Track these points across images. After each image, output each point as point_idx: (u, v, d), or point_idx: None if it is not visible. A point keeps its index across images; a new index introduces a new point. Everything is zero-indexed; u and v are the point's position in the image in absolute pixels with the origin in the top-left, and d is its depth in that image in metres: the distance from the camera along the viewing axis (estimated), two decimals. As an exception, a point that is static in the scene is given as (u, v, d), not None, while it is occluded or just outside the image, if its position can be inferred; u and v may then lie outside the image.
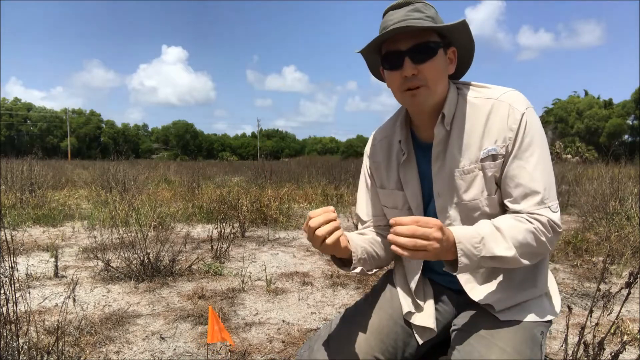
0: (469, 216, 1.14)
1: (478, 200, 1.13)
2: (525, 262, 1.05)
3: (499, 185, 1.12)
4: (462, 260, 0.99)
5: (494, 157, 1.11)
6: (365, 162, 1.37)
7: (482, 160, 1.11)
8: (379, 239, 1.29)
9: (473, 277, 1.16)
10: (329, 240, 1.01)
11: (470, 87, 1.19)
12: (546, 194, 1.07)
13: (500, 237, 1.02)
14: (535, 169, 1.08)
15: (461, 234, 1.00)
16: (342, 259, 1.16)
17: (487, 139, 1.11)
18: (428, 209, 1.23)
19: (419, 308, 1.24)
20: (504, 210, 1.14)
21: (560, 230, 1.08)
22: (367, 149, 1.37)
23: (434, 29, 1.09)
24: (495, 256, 1.01)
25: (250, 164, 21.82)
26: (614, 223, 5.45)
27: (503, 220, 1.06)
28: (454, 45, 1.17)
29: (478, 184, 1.12)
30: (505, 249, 1.01)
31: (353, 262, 1.15)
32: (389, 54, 1.12)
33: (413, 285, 1.26)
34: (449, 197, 1.16)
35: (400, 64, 1.10)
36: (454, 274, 1.02)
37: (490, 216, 1.12)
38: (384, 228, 1.32)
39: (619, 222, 5.47)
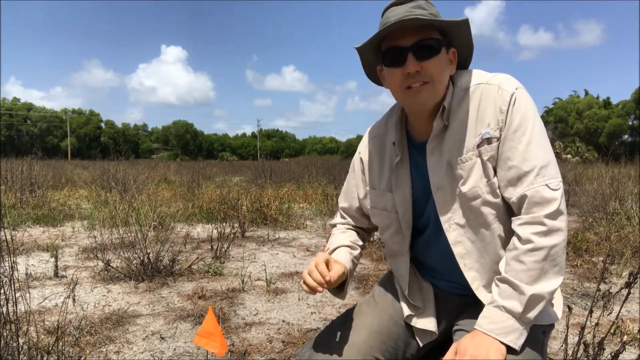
0: (470, 206, 1.11)
1: (477, 187, 1.09)
2: (555, 273, 1.00)
3: (496, 170, 1.09)
4: (512, 337, 0.98)
5: (489, 141, 1.08)
6: (358, 159, 1.33)
7: (479, 146, 1.09)
8: (358, 240, 1.36)
9: (479, 274, 1.14)
10: (329, 277, 1.12)
11: (460, 75, 1.15)
12: (542, 170, 1.02)
13: (511, 290, 1.00)
14: (527, 148, 1.04)
15: (487, 323, 1.00)
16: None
17: (481, 124, 1.09)
18: (426, 206, 1.19)
19: (419, 311, 1.23)
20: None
21: (560, 208, 1.01)
22: (362, 147, 1.33)
23: (440, 23, 1.07)
24: (526, 307, 0.99)
25: (250, 164, 21.84)
26: (614, 223, 5.45)
27: (501, 266, 1.04)
28: (454, 45, 1.15)
29: (477, 172, 1.09)
30: (526, 292, 0.98)
31: (347, 281, 1.23)
32: (390, 50, 1.09)
33: (407, 292, 1.24)
34: (450, 190, 1.13)
35: (402, 61, 1.07)
36: (518, 348, 0.99)
37: (491, 205, 1.09)
38: (362, 225, 1.38)
39: (619, 222, 5.47)
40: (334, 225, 1.43)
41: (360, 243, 1.37)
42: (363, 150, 1.32)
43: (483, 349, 0.97)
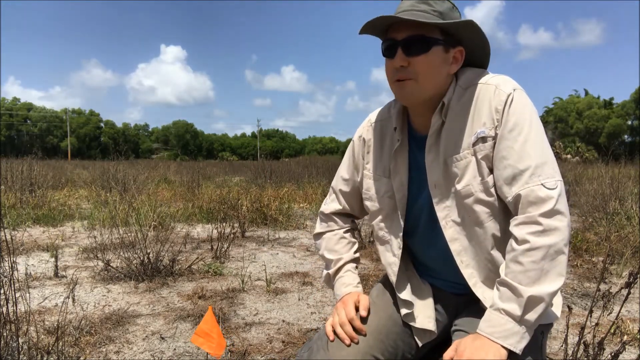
0: (464, 204, 1.11)
1: (470, 185, 1.10)
2: (556, 274, 0.99)
3: (491, 170, 1.10)
4: (512, 340, 0.97)
5: (484, 140, 1.08)
6: (360, 140, 1.32)
7: (474, 144, 1.09)
8: (351, 238, 1.38)
9: (476, 271, 1.14)
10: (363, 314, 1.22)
11: (464, 73, 1.16)
12: (537, 170, 1.01)
13: (509, 292, 0.99)
14: (523, 147, 1.03)
15: (487, 327, 0.99)
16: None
17: (477, 123, 1.10)
18: (418, 200, 1.21)
19: (418, 310, 1.23)
20: (500, 197, 1.09)
21: (557, 207, 0.99)
22: (363, 130, 1.32)
23: (443, 25, 1.07)
24: (525, 309, 0.97)
25: (250, 164, 21.83)
26: (614, 223, 5.45)
27: (501, 269, 1.04)
28: (463, 44, 1.14)
29: (471, 170, 1.10)
30: (524, 294, 0.97)
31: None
32: (386, 42, 1.12)
33: (395, 282, 1.25)
34: (446, 187, 1.14)
35: (393, 54, 1.10)
36: (519, 352, 0.98)
37: (485, 203, 1.09)
38: (355, 212, 1.39)
39: (619, 222, 5.48)
40: (322, 233, 1.40)
41: (355, 248, 1.37)
42: (365, 133, 1.31)
43: (482, 352, 0.97)
